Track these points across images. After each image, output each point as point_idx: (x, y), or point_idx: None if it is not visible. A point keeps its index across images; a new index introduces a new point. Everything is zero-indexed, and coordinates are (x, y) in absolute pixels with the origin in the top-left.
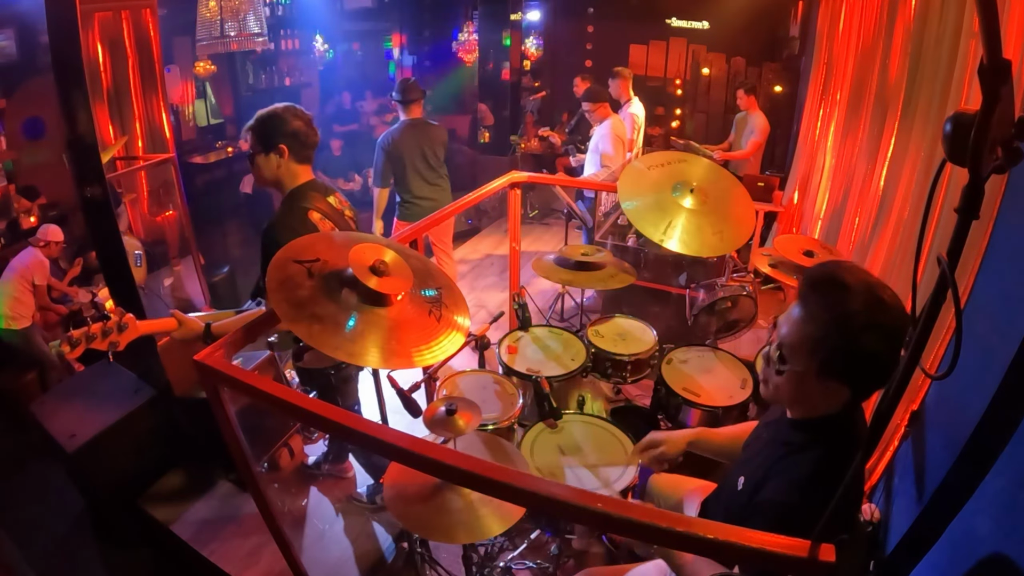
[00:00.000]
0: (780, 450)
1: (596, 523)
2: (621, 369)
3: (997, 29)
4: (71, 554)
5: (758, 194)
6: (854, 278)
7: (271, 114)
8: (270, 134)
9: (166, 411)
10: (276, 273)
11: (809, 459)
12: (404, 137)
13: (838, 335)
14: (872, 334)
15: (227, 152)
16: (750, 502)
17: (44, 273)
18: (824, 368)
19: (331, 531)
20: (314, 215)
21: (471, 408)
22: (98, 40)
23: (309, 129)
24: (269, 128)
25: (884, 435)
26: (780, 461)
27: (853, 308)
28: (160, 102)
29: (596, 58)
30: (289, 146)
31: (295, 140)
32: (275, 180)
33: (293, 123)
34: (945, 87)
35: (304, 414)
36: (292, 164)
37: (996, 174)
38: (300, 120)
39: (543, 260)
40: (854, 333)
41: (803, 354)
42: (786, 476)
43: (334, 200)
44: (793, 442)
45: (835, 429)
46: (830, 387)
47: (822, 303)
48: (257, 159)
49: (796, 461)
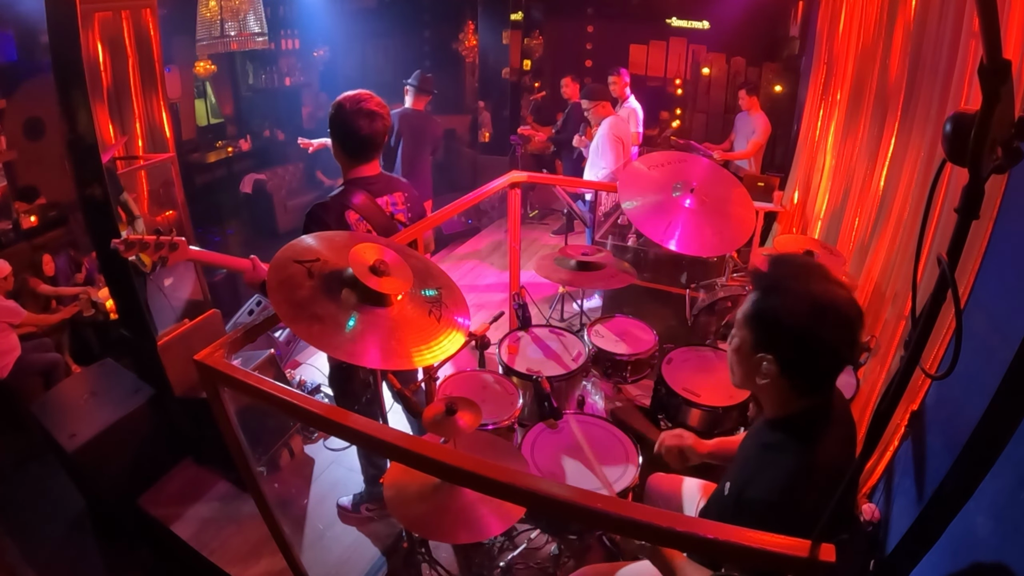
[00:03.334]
0: (759, 451)
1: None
2: (621, 369)
3: (997, 29)
4: (71, 554)
5: (758, 194)
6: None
7: (337, 105)
8: (332, 124)
9: (166, 411)
10: (276, 273)
11: (786, 457)
12: (403, 119)
13: (765, 297)
14: (796, 294)
15: (227, 152)
16: (736, 504)
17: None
18: (756, 337)
19: (331, 531)
20: (351, 215)
21: (471, 408)
22: (98, 40)
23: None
24: (331, 118)
25: (884, 435)
26: (759, 461)
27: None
28: (160, 102)
29: (596, 58)
30: (342, 143)
31: (343, 138)
32: (341, 165)
33: (343, 119)
34: (945, 87)
35: (304, 414)
36: (346, 158)
37: (996, 174)
38: (353, 116)
39: (543, 260)
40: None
41: (740, 324)
42: (766, 475)
43: (387, 201)
44: (770, 443)
45: (808, 426)
46: (765, 363)
47: (762, 277)
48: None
49: (774, 460)
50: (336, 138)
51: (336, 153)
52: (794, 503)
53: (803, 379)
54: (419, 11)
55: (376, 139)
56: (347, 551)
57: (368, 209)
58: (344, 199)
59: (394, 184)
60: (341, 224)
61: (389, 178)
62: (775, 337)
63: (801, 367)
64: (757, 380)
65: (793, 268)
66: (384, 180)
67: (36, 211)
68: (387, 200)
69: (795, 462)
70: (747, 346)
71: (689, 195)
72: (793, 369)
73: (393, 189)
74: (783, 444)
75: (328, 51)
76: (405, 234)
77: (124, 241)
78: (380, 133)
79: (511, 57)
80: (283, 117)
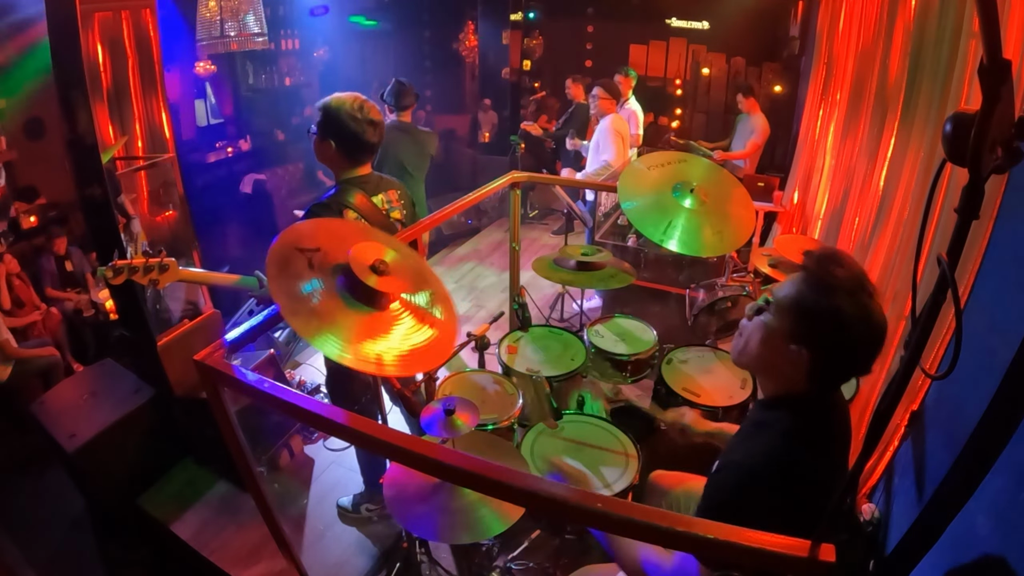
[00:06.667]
0: (750, 430)
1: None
2: (621, 369)
3: (997, 29)
4: (71, 554)
5: (758, 194)
6: (853, 263)
7: (336, 107)
8: (327, 124)
9: (166, 411)
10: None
11: (775, 431)
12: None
13: (818, 294)
14: (850, 304)
15: (227, 152)
16: (716, 471)
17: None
18: (795, 327)
19: (331, 531)
20: (349, 214)
21: (470, 408)
22: (98, 40)
23: (368, 136)
24: (328, 118)
25: (884, 435)
26: (748, 435)
27: (841, 277)
28: (160, 102)
29: (596, 58)
30: (338, 144)
31: (347, 143)
32: (328, 164)
33: (350, 126)
34: (945, 87)
35: (304, 414)
36: (343, 160)
37: (996, 174)
38: (362, 125)
39: (543, 260)
40: (834, 297)
41: (782, 308)
42: (751, 443)
43: (381, 199)
44: (762, 420)
45: (804, 407)
46: (794, 354)
47: (816, 268)
48: (315, 138)
49: (762, 433)
50: (336, 139)
51: (330, 154)
52: (774, 473)
53: (823, 374)
54: (419, 11)
55: (377, 145)
56: (347, 551)
57: (366, 208)
58: (342, 198)
59: (385, 182)
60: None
61: (380, 177)
62: (817, 336)
63: (829, 367)
64: (776, 362)
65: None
66: (376, 179)
67: (36, 211)
68: (382, 198)
69: (784, 436)
70: (781, 332)
71: (689, 195)
72: (818, 366)
73: (386, 187)
74: (773, 422)
75: (328, 51)
76: (405, 235)
77: (112, 267)
78: (381, 139)
79: (511, 57)
80: (283, 117)
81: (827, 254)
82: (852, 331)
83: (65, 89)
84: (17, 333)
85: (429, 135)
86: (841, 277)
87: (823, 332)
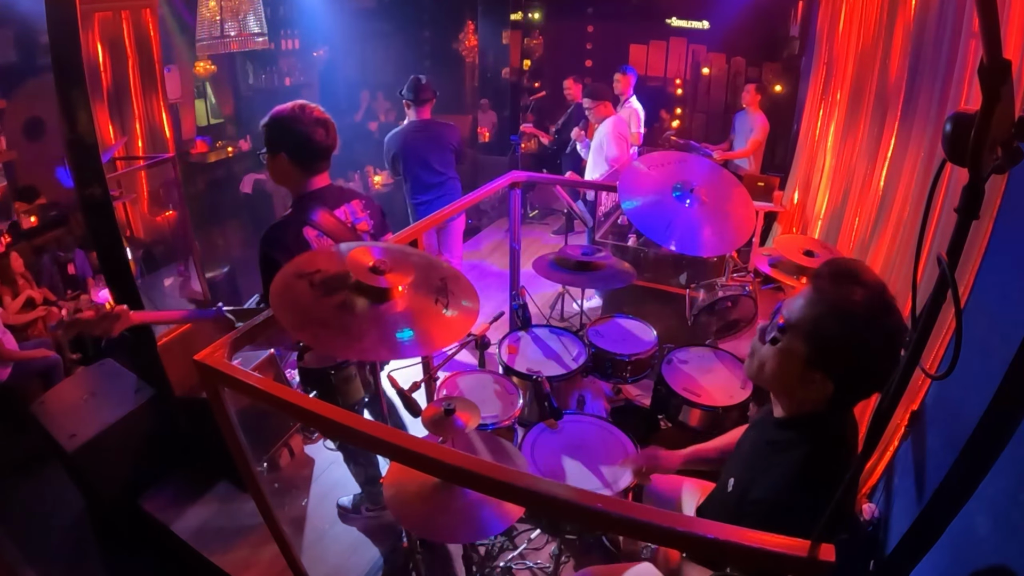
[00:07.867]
0: (765, 449)
1: (596, 523)
2: (621, 369)
3: (997, 29)
4: (71, 554)
5: (758, 194)
6: (870, 277)
7: (277, 117)
8: (274, 137)
9: (166, 411)
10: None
11: (795, 457)
12: (409, 139)
13: (839, 323)
14: (872, 331)
15: (227, 152)
16: (740, 503)
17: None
18: (814, 355)
19: (331, 531)
20: (310, 232)
21: (470, 408)
22: (98, 40)
23: (318, 137)
24: (274, 130)
25: (884, 435)
26: (766, 460)
27: (861, 302)
28: (160, 102)
29: (596, 58)
30: (290, 154)
31: (298, 149)
32: (284, 182)
33: (297, 129)
34: (945, 87)
35: (304, 414)
36: (297, 171)
37: (996, 174)
38: (308, 127)
39: (543, 260)
40: (856, 325)
41: (799, 335)
42: (773, 475)
43: (344, 212)
44: (778, 440)
45: (821, 427)
46: (814, 379)
47: (834, 291)
48: (266, 158)
49: (782, 460)
50: (286, 150)
51: (281, 168)
52: (801, 504)
53: (845, 397)
54: (419, 11)
55: (331, 147)
56: (347, 551)
57: (328, 224)
58: (301, 216)
59: (347, 193)
60: (299, 242)
61: (341, 188)
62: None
63: (851, 391)
64: (794, 385)
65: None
66: (337, 191)
67: (36, 211)
68: (345, 210)
69: (804, 463)
70: (800, 358)
71: (689, 195)
72: (840, 390)
73: (349, 198)
74: (791, 444)
75: (328, 51)
76: (405, 235)
77: (60, 325)
78: (334, 141)
79: (511, 57)
80: None
81: (842, 271)
82: (875, 359)
83: (65, 89)
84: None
85: (446, 127)
86: (861, 302)
87: (847, 363)
